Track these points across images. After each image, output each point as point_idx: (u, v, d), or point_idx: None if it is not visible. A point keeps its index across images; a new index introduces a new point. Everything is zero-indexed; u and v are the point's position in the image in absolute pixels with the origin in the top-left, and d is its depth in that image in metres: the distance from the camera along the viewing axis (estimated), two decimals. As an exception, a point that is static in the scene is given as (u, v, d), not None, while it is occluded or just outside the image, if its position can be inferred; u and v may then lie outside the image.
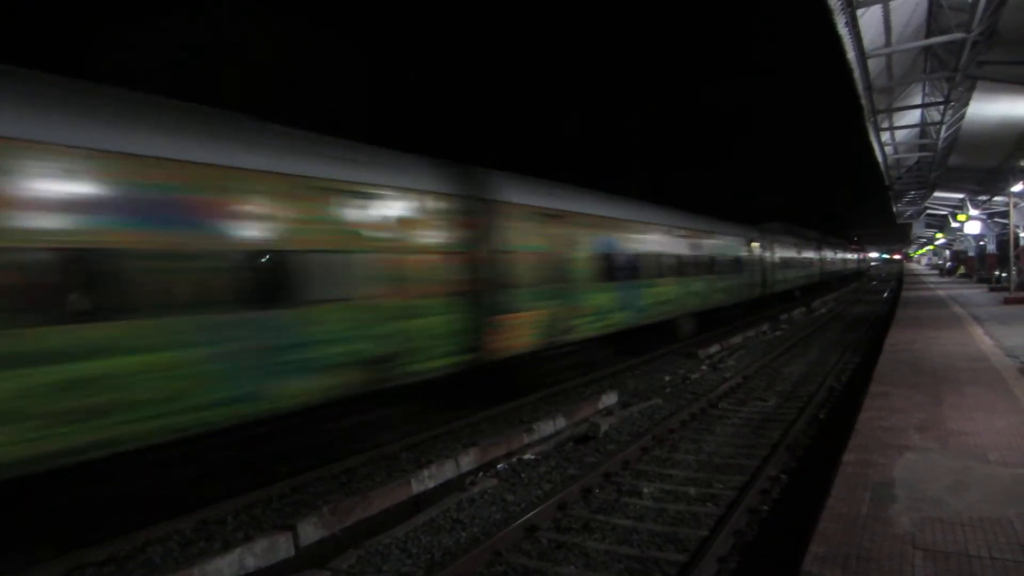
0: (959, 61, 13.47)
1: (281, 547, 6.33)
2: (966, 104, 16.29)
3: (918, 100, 21.03)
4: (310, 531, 6.61)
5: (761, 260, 29.94)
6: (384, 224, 9.03)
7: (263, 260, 7.47)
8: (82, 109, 6.26)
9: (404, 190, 9.45)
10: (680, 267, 19.74)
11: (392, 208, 9.19)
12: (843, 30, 11.90)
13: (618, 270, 15.34)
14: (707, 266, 22.34)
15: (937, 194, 35.84)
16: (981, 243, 41.91)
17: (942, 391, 9.47)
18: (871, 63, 14.78)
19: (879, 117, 20.65)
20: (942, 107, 18.73)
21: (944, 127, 20.13)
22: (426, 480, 8.11)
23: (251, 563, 6.07)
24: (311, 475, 8.33)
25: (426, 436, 10.08)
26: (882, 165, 29.06)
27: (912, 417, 8.12)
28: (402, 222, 9.32)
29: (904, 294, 32.99)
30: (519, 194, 11.93)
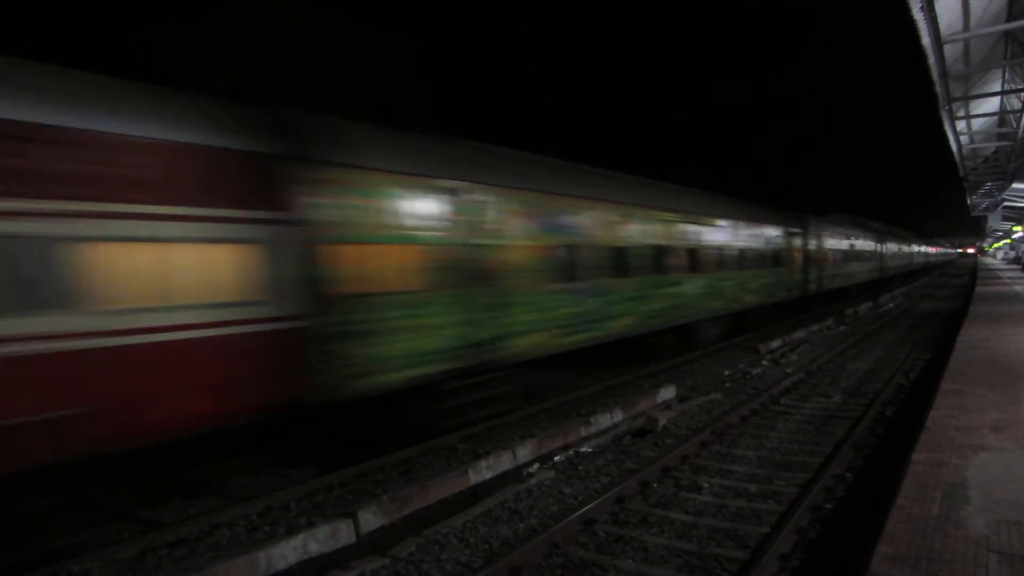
0: (1043, 46, 12.83)
1: (342, 533, 6.47)
2: (1049, 91, 15.52)
3: (997, 87, 20.08)
4: (370, 519, 6.74)
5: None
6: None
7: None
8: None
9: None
10: None
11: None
12: (918, 15, 11.42)
13: None
14: None
15: (1016, 185, 34.20)
16: (1063, 236, 39.95)
17: (1020, 390, 9.08)
18: (947, 49, 14.17)
19: (954, 105, 19.82)
20: (1023, 94, 17.88)
21: (1025, 115, 19.21)
22: (484, 471, 8.17)
23: (314, 548, 6.22)
24: (371, 464, 8.47)
25: (484, 427, 10.14)
26: (956, 155, 27.90)
27: (987, 416, 7.82)
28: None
29: (978, 289, 31.69)
30: None
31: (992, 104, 22.06)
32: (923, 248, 61.47)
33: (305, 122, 7.87)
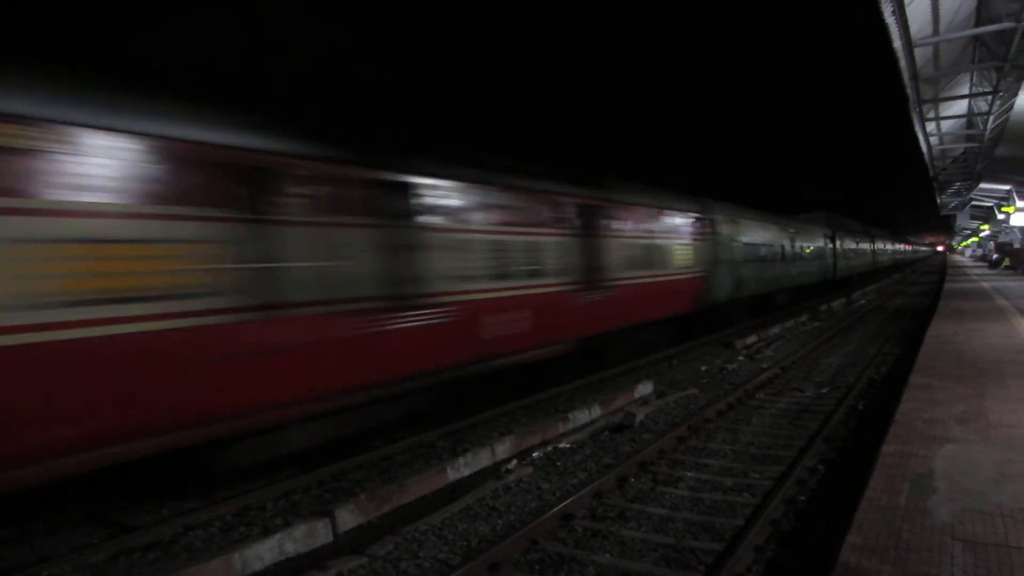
0: (1008, 51, 13.15)
1: (320, 533, 6.46)
2: (1015, 94, 15.88)
3: (965, 90, 20.50)
4: (348, 517, 6.74)
5: None
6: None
7: None
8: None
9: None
10: None
11: None
12: (889, 19, 11.64)
13: None
14: None
15: (983, 185, 34.94)
16: (1028, 235, 40.79)
17: (985, 383, 9.28)
18: (918, 52, 14.46)
19: (925, 107, 20.20)
20: (990, 97, 18.26)
21: (992, 117, 19.62)
22: (462, 468, 8.21)
23: (290, 548, 6.20)
24: (349, 462, 8.47)
25: (463, 424, 10.18)
26: (927, 156, 28.41)
27: (953, 409, 7.99)
28: None
29: (947, 286, 32.25)
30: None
31: (961, 107, 22.56)
32: (889, 246, 62.11)
33: None
